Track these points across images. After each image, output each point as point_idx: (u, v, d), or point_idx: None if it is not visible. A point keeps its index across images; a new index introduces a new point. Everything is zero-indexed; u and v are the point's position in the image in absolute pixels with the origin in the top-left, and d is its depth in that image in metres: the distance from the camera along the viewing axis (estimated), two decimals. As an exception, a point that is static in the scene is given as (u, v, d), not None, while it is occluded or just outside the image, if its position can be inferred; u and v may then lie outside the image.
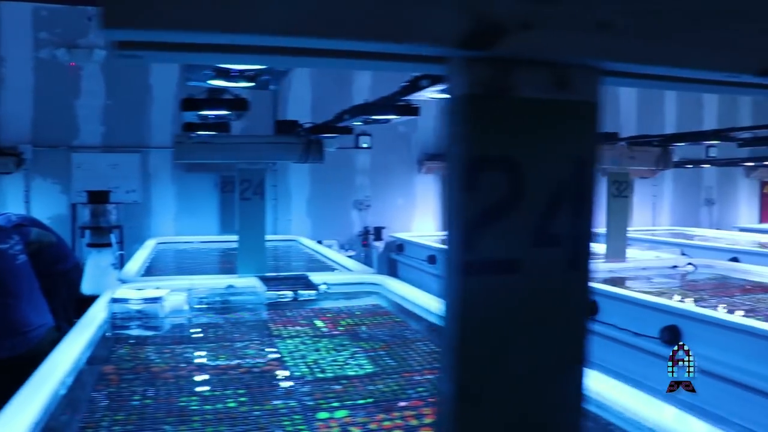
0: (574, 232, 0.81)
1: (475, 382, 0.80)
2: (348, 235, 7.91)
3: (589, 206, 0.82)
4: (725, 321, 3.19)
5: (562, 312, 0.82)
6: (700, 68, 0.83)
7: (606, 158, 4.98)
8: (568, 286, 0.82)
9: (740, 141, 4.50)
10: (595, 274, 4.87)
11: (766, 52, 0.84)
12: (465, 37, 0.71)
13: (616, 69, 0.83)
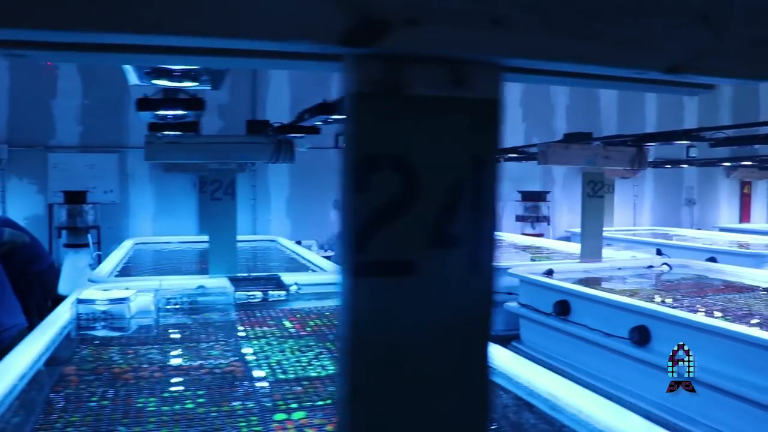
0: (474, 234, 0.79)
1: (368, 386, 0.78)
2: (328, 235, 7.88)
3: (489, 206, 0.80)
4: (693, 321, 3.18)
5: (463, 317, 0.80)
6: (606, 65, 0.81)
7: (581, 158, 4.99)
8: (469, 289, 0.80)
9: (712, 141, 4.50)
10: (570, 274, 4.91)
11: (674, 48, 0.83)
12: (346, 33, 0.69)
13: (518, 65, 0.81)
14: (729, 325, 3.09)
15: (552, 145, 4.92)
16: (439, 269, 0.78)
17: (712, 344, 3.04)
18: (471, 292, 0.80)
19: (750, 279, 4.85)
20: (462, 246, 0.79)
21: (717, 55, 0.85)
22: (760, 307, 3.93)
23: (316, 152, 7.81)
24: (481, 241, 0.80)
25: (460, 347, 0.81)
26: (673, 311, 3.39)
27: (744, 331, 2.92)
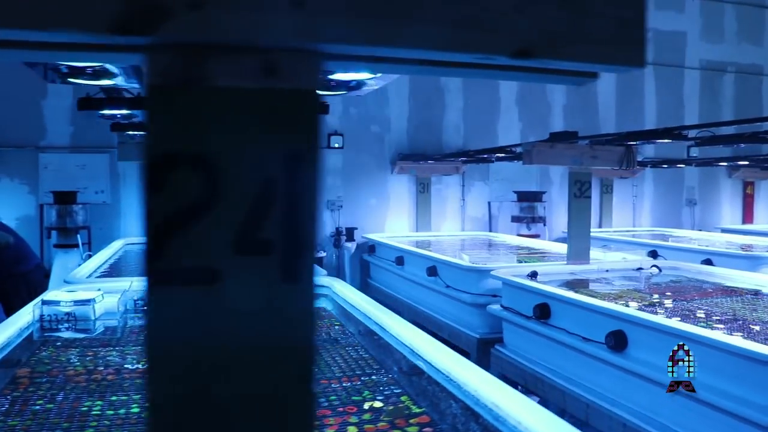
0: (289, 239, 0.72)
1: (168, 403, 0.71)
2: (320, 236, 7.81)
3: (307, 209, 0.72)
4: (669, 327, 3.08)
5: (277, 331, 0.73)
6: (440, 49, 0.73)
7: (566, 158, 4.89)
8: (283, 299, 0.72)
9: (697, 140, 4.39)
10: (555, 277, 4.82)
11: (522, 30, 0.75)
12: (117, 21, 0.62)
13: (340, 52, 0.74)
14: (706, 332, 2.98)
15: (537, 144, 4.83)
16: (248, 278, 0.71)
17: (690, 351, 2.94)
18: (286, 303, 0.73)
19: (740, 282, 4.73)
20: (274, 253, 0.71)
21: (577, 38, 0.77)
22: (745, 312, 3.82)
23: (309, 152, 7.74)
24: (297, 247, 0.72)
25: (274, 364, 0.73)
26: (651, 316, 3.29)
27: (719, 338, 2.82)
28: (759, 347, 2.63)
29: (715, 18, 9.55)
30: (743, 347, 2.65)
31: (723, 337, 2.79)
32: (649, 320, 3.19)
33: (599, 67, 0.81)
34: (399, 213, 8.16)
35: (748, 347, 2.64)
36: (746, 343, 2.72)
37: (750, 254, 6.36)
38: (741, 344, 2.70)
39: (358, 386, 2.51)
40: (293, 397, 0.74)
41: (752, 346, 2.66)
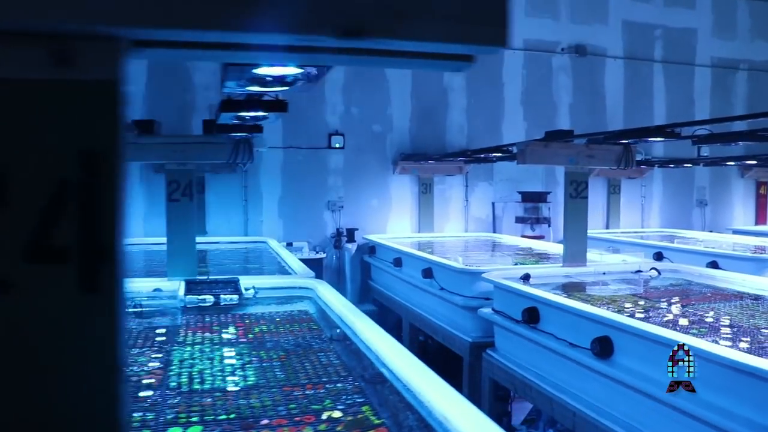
0: (87, 245, 0.64)
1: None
2: (321, 237, 7.76)
3: (108, 212, 0.65)
4: (656, 335, 2.96)
5: (76, 343, 0.65)
6: (260, 31, 0.65)
7: (561, 157, 4.78)
8: (83, 311, 0.65)
9: (694, 138, 4.26)
10: (549, 280, 4.70)
11: (351, 6, 0.66)
12: None
13: (150, 38, 0.66)
14: (693, 341, 2.85)
15: (530, 143, 4.71)
16: (42, 289, 0.64)
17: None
18: (85, 314, 0.65)
19: (740, 285, 4.58)
20: (70, 261, 0.64)
21: (420, 14, 0.69)
22: (741, 317, 3.68)
23: (309, 152, 7.72)
24: (97, 254, 0.65)
25: (74, 378, 0.66)
26: (637, 323, 3.17)
27: (703, 347, 2.70)
28: (743, 357, 2.51)
29: (727, 14, 9.34)
30: (727, 357, 2.53)
31: (707, 346, 2.66)
32: (635, 327, 3.08)
33: (451, 47, 0.72)
34: (401, 214, 8.07)
35: (732, 357, 2.52)
36: (731, 352, 2.60)
37: (756, 256, 6.19)
38: (725, 354, 2.58)
39: (321, 394, 2.43)
40: (98, 407, 0.67)
41: (736, 355, 2.54)
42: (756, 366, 2.37)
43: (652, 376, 2.97)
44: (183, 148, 4.15)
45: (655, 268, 5.00)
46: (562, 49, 8.55)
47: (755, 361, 2.42)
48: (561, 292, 4.51)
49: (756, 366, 2.37)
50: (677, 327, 3.44)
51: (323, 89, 7.75)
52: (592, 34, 8.64)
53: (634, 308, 3.93)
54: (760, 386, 2.38)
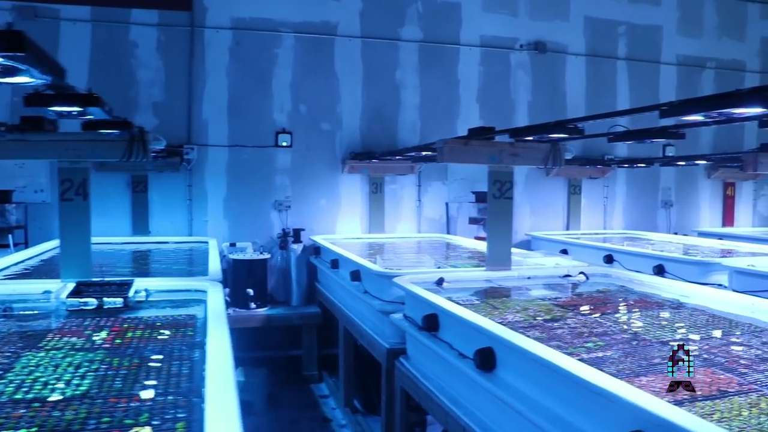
0: None
1: None
2: (268, 237, 7.55)
3: None
4: (528, 351, 2.73)
5: None
6: None
7: (483, 156, 4.56)
8: None
9: (609, 135, 4.04)
10: (465, 284, 4.48)
11: None
12: None
13: None
14: (559, 358, 2.59)
15: (449, 141, 4.50)
16: None
17: (550, 378, 2.60)
18: None
19: (666, 292, 4.36)
20: None
21: None
22: (650, 328, 3.45)
23: (256, 151, 7.52)
24: None
25: None
26: (516, 336, 2.93)
27: (567, 367, 2.46)
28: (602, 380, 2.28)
29: (693, 11, 9.10)
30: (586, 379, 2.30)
31: (578, 368, 2.41)
32: (511, 341, 2.86)
33: None
34: (351, 214, 7.86)
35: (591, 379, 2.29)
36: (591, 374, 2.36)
37: (701, 260, 5.96)
38: (586, 375, 2.34)
39: (144, 407, 2.27)
40: None
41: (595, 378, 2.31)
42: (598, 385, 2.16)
43: (529, 395, 2.75)
44: (75, 146, 3.96)
45: (583, 272, 4.78)
46: (521, 45, 8.33)
47: (600, 380, 2.21)
48: (477, 298, 4.31)
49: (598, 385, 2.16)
50: (577, 339, 3.23)
51: (270, 86, 7.55)
52: (552, 30, 8.41)
53: (544, 317, 3.72)
54: (604, 404, 2.16)
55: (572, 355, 2.92)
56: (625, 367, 2.76)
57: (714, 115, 2.72)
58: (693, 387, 2.37)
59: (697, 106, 2.69)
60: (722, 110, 2.61)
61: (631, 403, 2.01)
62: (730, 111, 2.62)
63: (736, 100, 2.52)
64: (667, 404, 2.01)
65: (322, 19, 7.67)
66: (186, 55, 7.31)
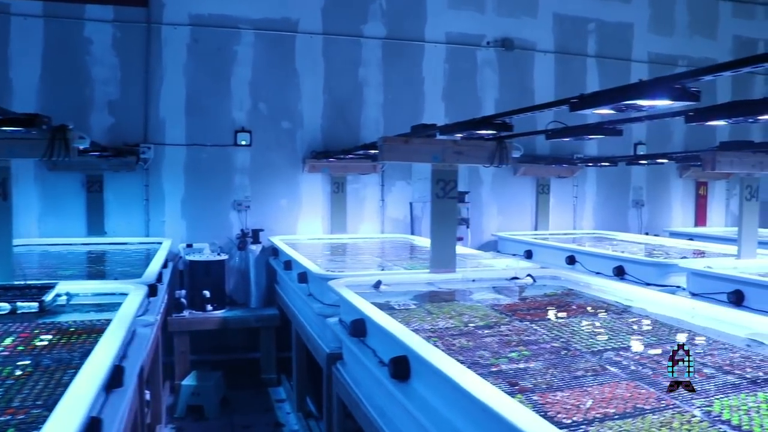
0: None
1: None
2: (227, 238, 7.39)
3: None
4: (429, 363, 2.57)
5: None
6: None
7: (424, 154, 4.42)
8: None
9: (548, 132, 3.90)
10: (405, 287, 4.34)
11: None
12: None
13: None
14: (463, 378, 2.41)
15: (389, 139, 4.35)
16: None
17: (451, 392, 2.44)
18: None
19: (612, 295, 4.22)
20: None
21: None
22: (582, 337, 3.32)
23: (214, 150, 7.38)
24: None
25: None
26: (425, 346, 2.77)
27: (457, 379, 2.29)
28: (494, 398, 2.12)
29: (664, 9, 8.98)
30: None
31: (469, 383, 2.26)
32: (418, 352, 2.70)
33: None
34: (312, 214, 7.71)
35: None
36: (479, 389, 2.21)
37: (660, 262, 5.85)
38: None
39: (12, 422, 2.13)
40: None
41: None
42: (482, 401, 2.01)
43: (438, 408, 2.60)
44: (-8, 145, 3.80)
45: (531, 275, 4.64)
46: (488, 42, 8.19)
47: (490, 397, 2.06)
48: (416, 301, 4.17)
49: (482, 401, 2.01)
50: (503, 348, 3.09)
51: (229, 84, 7.40)
52: (520, 27, 8.28)
53: (477, 323, 3.58)
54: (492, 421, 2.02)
55: (490, 366, 2.79)
56: (543, 381, 2.62)
57: (623, 107, 2.59)
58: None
59: (604, 99, 2.57)
60: (627, 101, 2.48)
61: (510, 423, 1.87)
62: (635, 102, 2.49)
63: (639, 92, 2.40)
64: (549, 426, 1.87)
65: (282, 16, 7.51)
66: (142, 53, 7.14)
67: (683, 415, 2.21)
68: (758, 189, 5.80)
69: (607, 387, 2.52)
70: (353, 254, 6.51)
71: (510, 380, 2.64)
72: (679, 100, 2.53)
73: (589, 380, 2.62)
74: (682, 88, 2.46)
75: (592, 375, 2.70)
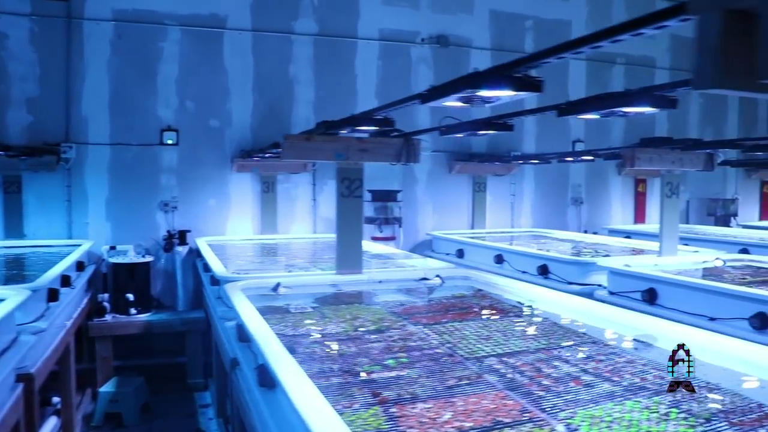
0: None
1: None
2: (153, 239, 7.20)
3: None
4: (273, 372, 2.46)
5: None
6: None
7: (327, 152, 4.30)
8: None
9: (441, 129, 3.83)
10: (305, 289, 4.22)
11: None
12: None
13: None
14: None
15: (290, 137, 4.23)
16: None
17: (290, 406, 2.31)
18: None
19: (518, 296, 4.16)
20: None
21: None
22: (475, 341, 3.23)
23: (140, 149, 7.19)
24: None
25: None
26: (279, 356, 2.64)
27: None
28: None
29: (602, 7, 8.97)
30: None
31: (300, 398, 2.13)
32: (268, 359, 2.59)
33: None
34: (242, 214, 7.56)
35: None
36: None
37: (581, 260, 5.82)
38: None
39: None
40: None
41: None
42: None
43: (292, 422, 2.49)
44: None
45: (439, 275, 4.55)
46: (423, 39, 8.10)
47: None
48: (315, 304, 4.06)
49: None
50: (385, 354, 2.99)
51: (155, 81, 7.20)
52: (456, 23, 8.20)
53: (368, 327, 3.49)
54: None
55: (362, 375, 2.69)
56: (410, 391, 2.52)
57: (476, 99, 2.52)
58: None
59: (448, 89, 2.50)
60: (472, 91, 2.40)
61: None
62: (477, 93, 2.42)
63: (475, 82, 2.32)
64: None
65: (210, 12, 7.34)
66: (63, 48, 6.92)
67: (542, 429, 2.12)
68: (679, 186, 5.79)
69: (474, 398, 2.43)
70: (278, 255, 6.38)
71: (375, 390, 2.54)
72: (522, 90, 2.46)
73: (460, 390, 2.53)
74: (523, 78, 2.39)
75: (466, 384, 2.61)
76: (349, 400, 2.46)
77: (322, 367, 2.86)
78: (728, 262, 5.84)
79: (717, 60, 0.85)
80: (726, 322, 4.18)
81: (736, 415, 2.23)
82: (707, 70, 0.88)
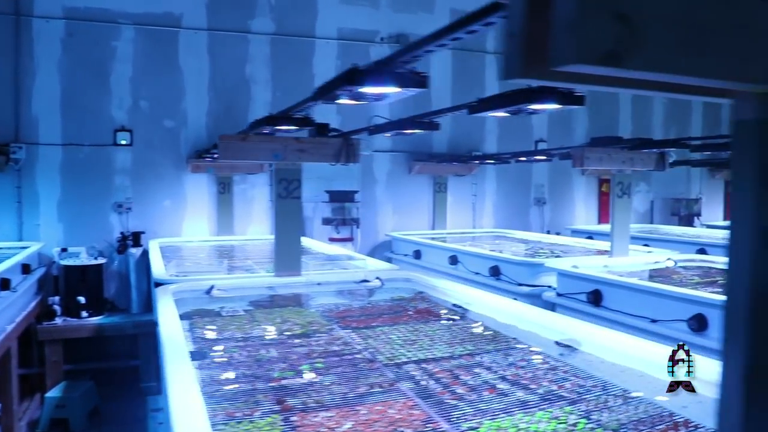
0: None
1: None
2: (106, 241, 7.09)
3: None
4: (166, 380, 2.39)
5: None
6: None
7: (264, 152, 4.24)
8: None
9: (370, 129, 3.79)
10: (240, 292, 4.16)
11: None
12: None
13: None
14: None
15: (226, 137, 4.17)
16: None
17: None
18: None
19: (456, 298, 4.12)
20: None
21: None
22: (399, 346, 3.18)
23: (93, 150, 7.07)
24: None
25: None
26: (177, 361, 2.59)
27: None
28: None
29: None
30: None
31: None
32: (165, 366, 2.53)
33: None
34: (198, 216, 7.47)
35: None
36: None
37: (530, 261, 5.79)
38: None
39: None
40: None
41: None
42: None
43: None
44: None
45: (379, 277, 4.50)
46: (382, 38, 8.05)
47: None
48: (248, 307, 3.99)
49: None
50: (303, 360, 2.93)
51: (108, 81, 7.10)
52: (416, 22, 8.14)
53: (296, 332, 3.42)
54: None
55: (272, 381, 2.64)
56: (317, 399, 2.46)
57: (370, 96, 2.47)
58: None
59: (331, 87, 2.45)
60: (352, 87, 2.35)
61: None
62: (359, 90, 2.37)
63: (356, 80, 2.27)
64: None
65: (164, 10, 7.25)
66: (11, 46, 6.79)
67: (441, 441, 2.08)
68: (630, 186, 5.78)
69: (380, 406, 2.38)
70: (231, 257, 6.30)
71: (281, 397, 2.48)
72: (408, 87, 2.41)
73: (370, 398, 2.48)
74: (410, 73, 2.34)
75: (378, 391, 2.56)
76: (252, 408, 2.40)
77: (237, 372, 2.80)
78: (680, 263, 5.84)
79: (521, 47, 0.81)
80: (666, 323, 4.17)
81: (645, 426, 2.19)
82: (513, 59, 0.83)
